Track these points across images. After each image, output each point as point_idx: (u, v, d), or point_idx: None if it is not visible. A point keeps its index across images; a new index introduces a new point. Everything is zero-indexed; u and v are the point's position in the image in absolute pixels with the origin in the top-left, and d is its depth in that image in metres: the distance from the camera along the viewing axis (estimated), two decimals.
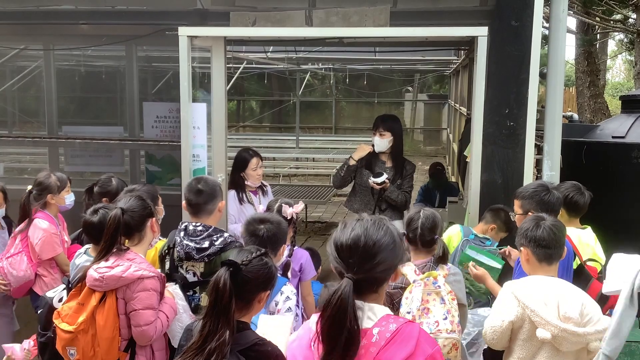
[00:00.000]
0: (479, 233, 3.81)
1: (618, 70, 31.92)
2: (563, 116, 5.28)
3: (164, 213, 3.76)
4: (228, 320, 2.02)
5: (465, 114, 8.24)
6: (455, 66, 11.39)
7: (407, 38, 5.21)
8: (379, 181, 4.59)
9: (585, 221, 3.74)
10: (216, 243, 3.09)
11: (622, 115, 5.90)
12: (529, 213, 3.22)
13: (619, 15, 12.65)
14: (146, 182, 5.07)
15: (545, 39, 4.50)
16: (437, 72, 16.26)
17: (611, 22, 12.62)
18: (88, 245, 3.31)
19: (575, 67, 13.75)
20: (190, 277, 3.16)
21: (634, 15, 11.93)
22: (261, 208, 3.99)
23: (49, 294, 3.16)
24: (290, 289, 3.13)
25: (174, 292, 3.08)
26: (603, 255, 3.59)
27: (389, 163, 4.85)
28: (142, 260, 2.93)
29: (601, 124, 6.39)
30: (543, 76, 4.30)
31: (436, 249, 3.01)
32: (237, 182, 4.62)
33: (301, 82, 17.11)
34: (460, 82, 10.42)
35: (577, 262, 3.35)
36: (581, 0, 11.06)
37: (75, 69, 6.22)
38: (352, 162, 4.75)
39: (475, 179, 4.04)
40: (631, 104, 5.87)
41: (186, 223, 3.21)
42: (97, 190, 3.85)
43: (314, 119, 22.39)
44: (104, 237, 2.83)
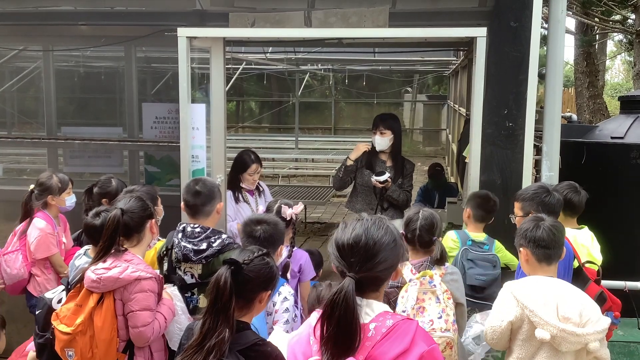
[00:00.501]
0: (471, 233, 3.77)
1: (617, 70, 31.99)
2: (562, 117, 5.28)
3: (164, 214, 3.76)
4: (227, 318, 2.03)
5: (464, 115, 8.24)
6: (454, 67, 11.37)
7: (406, 39, 5.22)
8: (382, 179, 4.59)
9: (583, 221, 3.74)
10: (214, 245, 3.09)
11: (621, 115, 5.90)
12: (530, 215, 3.22)
13: (618, 15, 12.67)
14: (145, 183, 5.06)
15: (544, 40, 4.49)
16: (436, 73, 16.20)
17: (610, 23, 12.63)
18: (87, 246, 3.30)
19: (574, 68, 13.77)
20: (188, 279, 3.16)
21: (633, 15, 11.94)
22: (261, 209, 4.00)
23: (48, 295, 3.16)
24: (288, 290, 3.14)
25: (172, 294, 3.07)
26: (600, 256, 3.59)
27: (389, 162, 4.85)
28: (140, 261, 2.93)
29: (600, 125, 6.38)
30: (542, 77, 4.30)
31: (434, 250, 3.01)
32: (234, 183, 4.63)
33: (300, 83, 17.10)
34: (459, 83, 10.41)
35: (576, 264, 3.34)
36: (580, 0, 11.07)
37: (74, 70, 6.21)
38: (350, 163, 4.74)
39: (474, 180, 4.04)
40: (630, 105, 5.87)
41: (184, 224, 3.20)
42: (97, 191, 3.85)
43: (313, 120, 22.40)
44: (103, 238, 2.83)
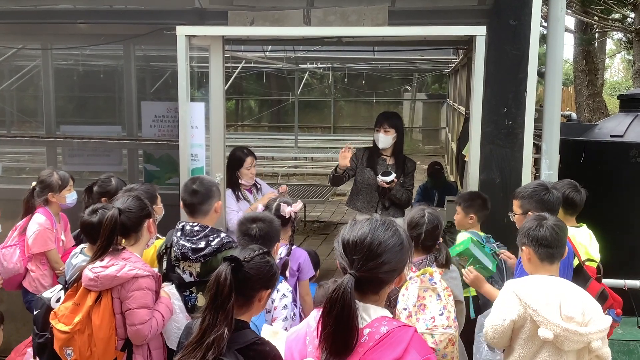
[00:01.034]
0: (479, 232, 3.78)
1: (616, 69, 31.99)
2: (561, 115, 5.27)
3: (163, 212, 3.76)
4: (226, 314, 2.03)
5: (463, 113, 8.23)
6: (453, 65, 11.36)
7: (406, 37, 5.21)
8: (388, 180, 4.59)
9: (582, 220, 3.74)
10: (212, 243, 3.09)
11: (621, 114, 5.90)
12: (529, 213, 3.22)
13: (618, 14, 12.67)
14: (144, 182, 5.05)
15: (543, 38, 4.49)
16: (436, 72, 16.19)
17: (609, 21, 12.62)
18: (83, 244, 3.29)
19: (573, 66, 13.75)
20: (186, 277, 3.15)
21: (633, 14, 11.93)
22: (260, 208, 3.99)
23: (46, 295, 3.15)
24: (286, 287, 3.15)
25: (170, 292, 3.07)
26: (598, 254, 3.59)
27: (391, 161, 4.84)
28: (137, 259, 2.93)
29: (599, 123, 6.38)
30: (541, 75, 4.30)
31: (440, 255, 3.01)
32: (233, 181, 4.63)
33: (300, 82, 17.11)
34: (458, 82, 10.40)
35: (576, 262, 3.34)
36: None
37: (73, 69, 6.19)
38: (340, 172, 4.72)
39: (473, 178, 4.04)
40: (629, 103, 5.87)
41: (184, 223, 3.20)
42: (97, 189, 3.85)
43: (313, 119, 22.41)
44: (100, 237, 2.82)
